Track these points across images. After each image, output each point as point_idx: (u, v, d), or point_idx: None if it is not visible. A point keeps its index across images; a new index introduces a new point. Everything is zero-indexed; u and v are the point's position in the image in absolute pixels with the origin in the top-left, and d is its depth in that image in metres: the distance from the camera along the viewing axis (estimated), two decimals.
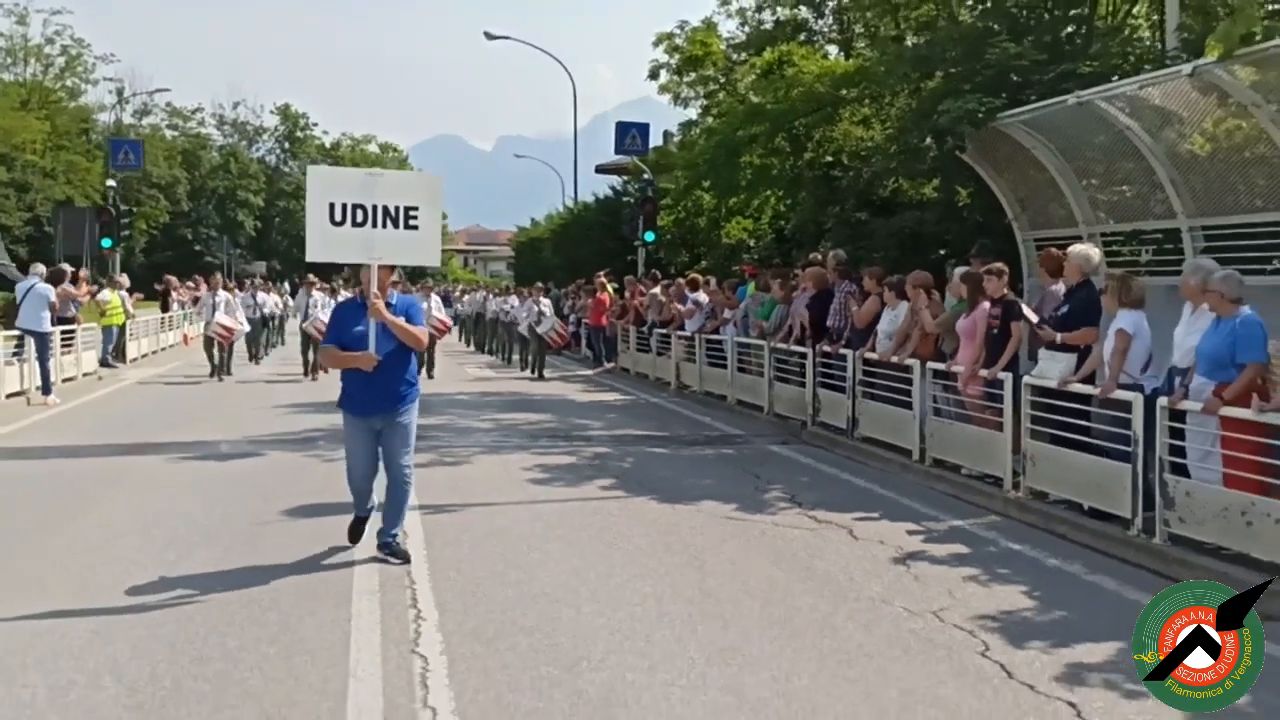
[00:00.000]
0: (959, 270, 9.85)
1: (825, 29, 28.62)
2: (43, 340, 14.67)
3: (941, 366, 9.39)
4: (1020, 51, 11.37)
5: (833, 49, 28.52)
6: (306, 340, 18.54)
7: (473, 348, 29.80)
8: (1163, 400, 6.68)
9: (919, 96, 12.46)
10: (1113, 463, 7.02)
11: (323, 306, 18.06)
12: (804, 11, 27.27)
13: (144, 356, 23.13)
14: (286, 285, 44.96)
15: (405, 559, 6.29)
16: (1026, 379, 8.06)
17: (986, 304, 8.93)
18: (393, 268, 6.43)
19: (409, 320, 6.23)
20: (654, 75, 29.96)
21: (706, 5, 29.95)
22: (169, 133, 73.26)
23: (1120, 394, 7.00)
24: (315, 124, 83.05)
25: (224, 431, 11.73)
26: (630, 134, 24.88)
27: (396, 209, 6.31)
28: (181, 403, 15.08)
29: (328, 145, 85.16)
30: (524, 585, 5.95)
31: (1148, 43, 13.28)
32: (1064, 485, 7.56)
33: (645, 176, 24.11)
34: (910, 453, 9.58)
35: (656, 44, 29.89)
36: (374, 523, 6.61)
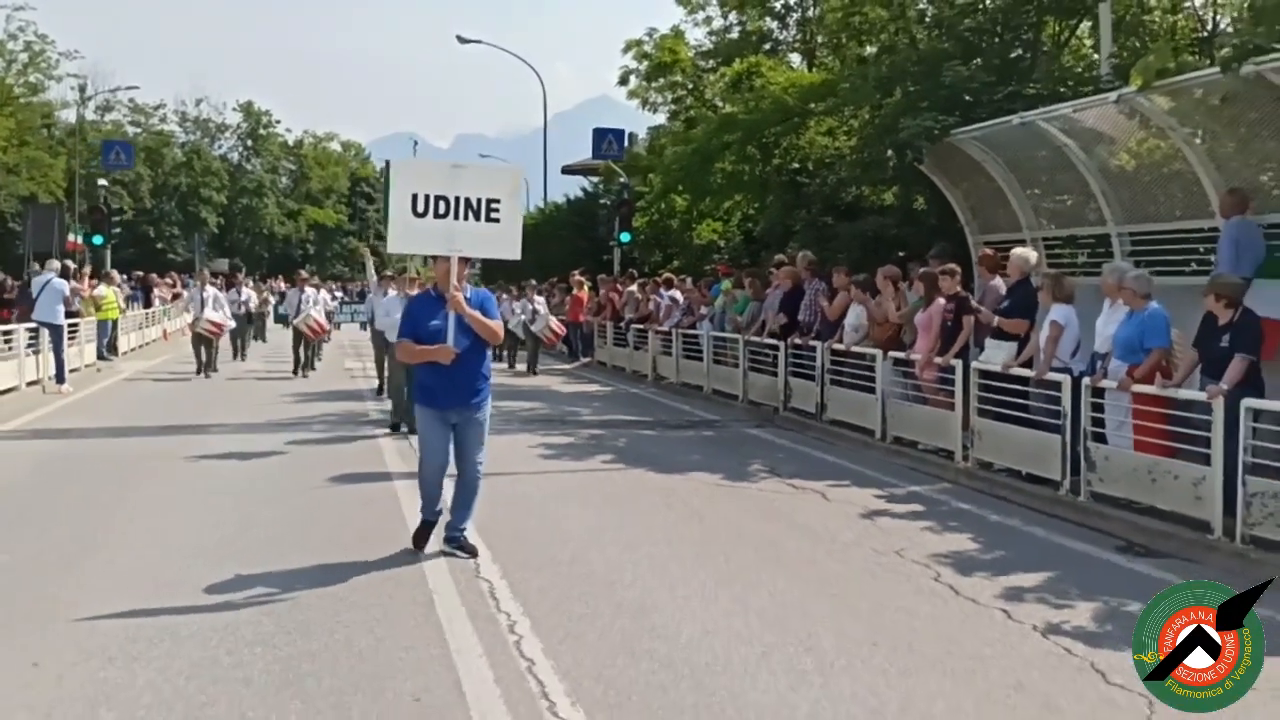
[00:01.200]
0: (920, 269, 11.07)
1: (789, 39, 29.94)
2: (57, 332, 15.51)
3: (901, 355, 10.61)
4: (972, 74, 12.66)
5: (796, 58, 29.86)
6: (299, 337, 18.63)
7: None
8: (1086, 380, 7.94)
9: (881, 113, 13.69)
10: (1046, 434, 8.27)
11: (314, 303, 18.57)
12: (769, 22, 28.53)
13: (131, 350, 23.83)
14: (279, 282, 45.38)
15: (472, 553, 6.30)
16: (974, 364, 9.30)
17: (941, 300, 10.16)
18: (469, 261, 6.50)
19: (484, 313, 6.25)
20: (624, 81, 30.91)
21: (666, 4, 30.93)
22: (130, 129, 72.97)
23: (1052, 376, 8.26)
24: (279, 121, 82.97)
25: (246, 416, 12.70)
26: (607, 139, 25.98)
27: (478, 201, 6.29)
28: (191, 392, 15.92)
29: (290, 143, 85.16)
30: (554, 534, 7.06)
31: (1090, 61, 14.55)
32: (1005, 455, 8.81)
33: (622, 180, 25.22)
34: (873, 432, 10.80)
35: (626, 50, 30.86)
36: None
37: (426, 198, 6.24)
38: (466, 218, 6.27)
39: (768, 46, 28.59)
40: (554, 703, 4.22)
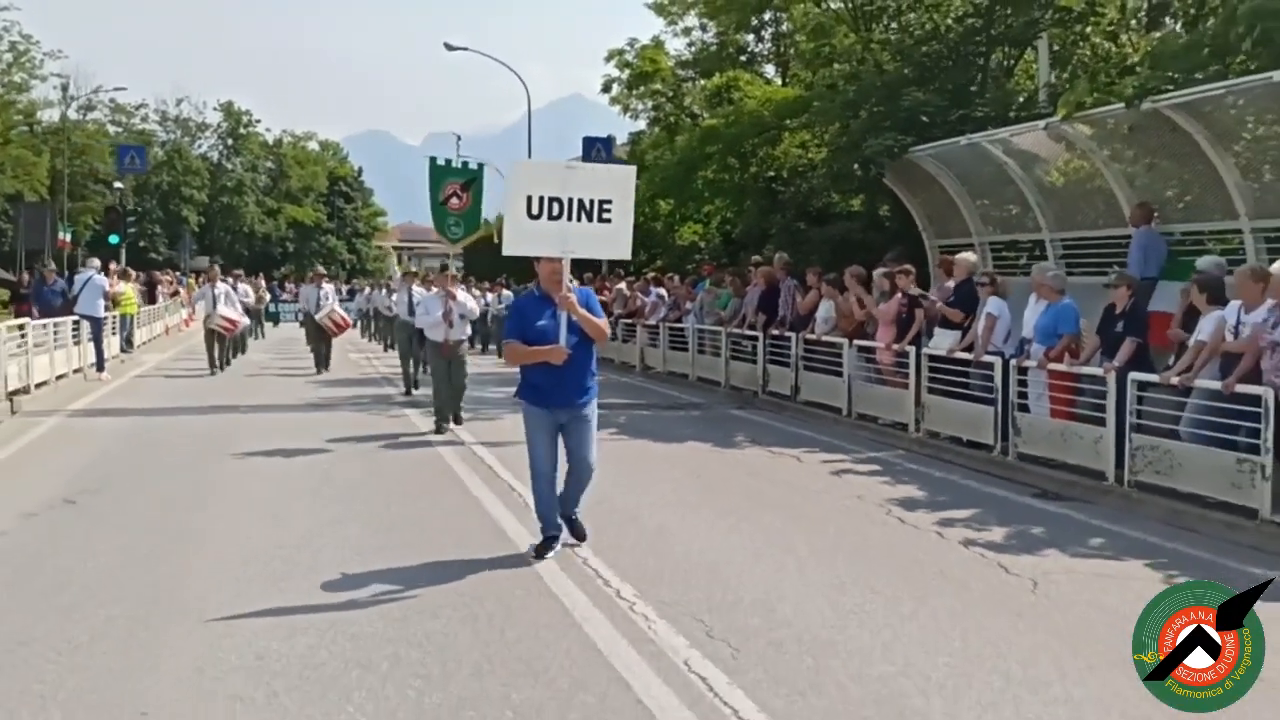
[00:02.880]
0: (878, 270, 12.79)
1: (764, 52, 31.69)
2: (98, 324, 16.97)
3: (865, 343, 12.31)
4: (927, 99, 14.40)
5: (770, 69, 31.63)
6: (318, 333, 18.90)
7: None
8: (1014, 361, 9.67)
9: (848, 131, 15.40)
10: (982, 406, 9.99)
11: (333, 299, 19.22)
12: (745, 35, 30.24)
13: (143, 344, 25.17)
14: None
15: (581, 537, 6.48)
16: (925, 350, 11.01)
17: (899, 295, 11.87)
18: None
19: (590, 312, 6.29)
20: (606, 89, 32.46)
21: (637, 4, 32.39)
22: (112, 128, 73.70)
23: (987, 358, 9.99)
24: (259, 121, 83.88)
25: (285, 398, 14.25)
26: (596, 148, 27.56)
27: (591, 202, 6.28)
28: (223, 384, 17.34)
29: (270, 142, 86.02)
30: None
31: (1034, 87, 16.33)
32: (949, 425, 10.53)
33: None
34: (840, 409, 12.50)
35: (608, 59, 32.39)
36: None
37: (541, 200, 6.21)
38: (579, 219, 6.26)
39: (744, 58, 30.34)
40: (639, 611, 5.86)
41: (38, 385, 13.85)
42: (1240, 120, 10.17)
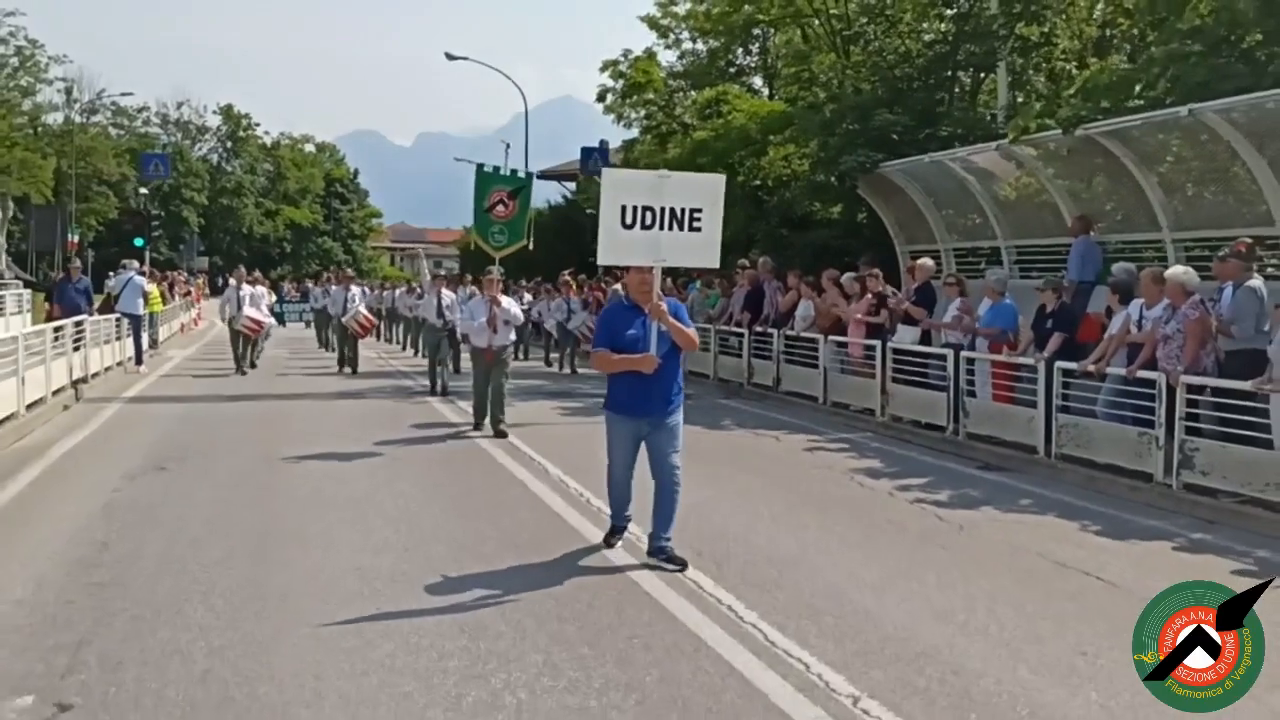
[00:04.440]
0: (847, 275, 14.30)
1: (753, 64, 33.26)
2: (137, 321, 18.39)
3: (839, 339, 13.80)
4: (897, 119, 15.92)
5: (758, 80, 33.19)
6: (344, 334, 19.11)
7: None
8: (964, 353, 11.18)
9: (826, 147, 16.90)
10: (937, 393, 11.49)
11: (360, 300, 19.58)
12: (735, 49, 31.81)
13: (164, 340, 26.54)
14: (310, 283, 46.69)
15: (682, 565, 6.13)
16: (890, 344, 12.51)
17: (869, 295, 13.36)
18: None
19: (679, 320, 6.30)
20: (601, 98, 33.96)
21: (625, 8, 33.89)
22: (114, 131, 74.93)
23: (941, 350, 11.50)
24: (258, 124, 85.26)
25: (327, 389, 15.69)
26: (593, 157, 29.06)
27: (682, 211, 6.28)
28: (257, 381, 18.73)
29: (268, 145, 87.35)
30: (577, 440, 10.06)
31: (996, 108, 17.88)
32: (911, 410, 12.03)
33: None
34: (816, 398, 13.99)
35: (603, 70, 33.87)
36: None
37: (635, 209, 6.21)
38: (671, 228, 6.27)
39: (733, 70, 31.89)
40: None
41: (92, 376, 15.27)
42: (1165, 145, 11.71)
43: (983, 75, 18.22)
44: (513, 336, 12.01)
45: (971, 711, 4.20)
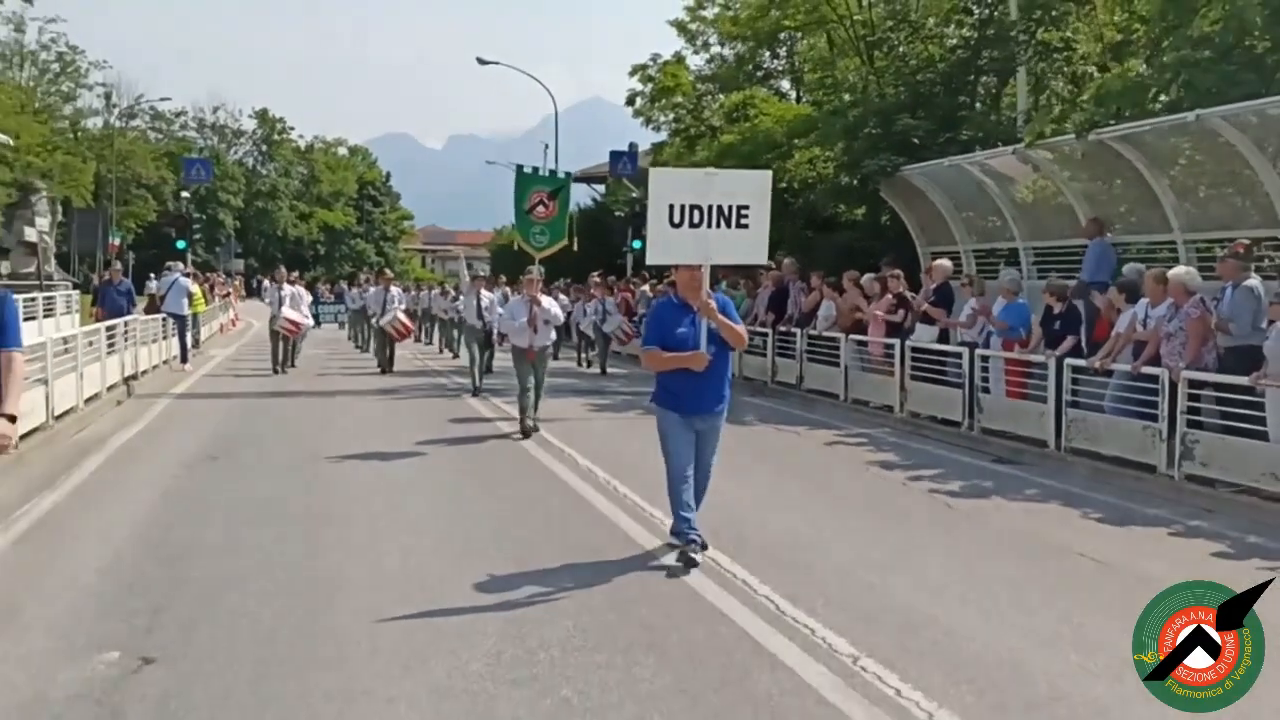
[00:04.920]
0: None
1: (780, 67, 33.65)
2: (182, 321, 19.10)
3: (860, 338, 14.21)
4: (918, 124, 16.32)
5: (785, 83, 33.58)
6: (382, 336, 19.25)
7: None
8: (979, 351, 11.58)
9: (850, 151, 17.32)
10: (953, 389, 11.88)
11: (400, 303, 19.76)
12: (762, 52, 32.23)
13: (205, 340, 27.31)
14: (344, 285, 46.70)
15: (703, 546, 6.33)
16: (909, 342, 12.91)
17: (889, 296, 13.77)
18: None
19: (728, 318, 6.34)
20: (630, 102, 34.52)
21: (655, 11, 34.33)
22: (152, 135, 76.37)
23: (956, 349, 11.89)
24: (292, 128, 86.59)
25: (369, 386, 16.30)
26: (622, 160, 29.62)
27: (729, 208, 6.30)
28: (299, 377, 19.34)
29: (302, 148, 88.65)
30: (629, 450, 10.59)
31: (1017, 112, 18.22)
32: (928, 406, 12.42)
33: (634, 194, 28.86)
34: (838, 396, 14.41)
35: (632, 74, 34.42)
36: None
37: (682, 208, 6.25)
38: (718, 225, 6.29)
39: (761, 74, 32.30)
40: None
41: (140, 374, 15.96)
42: (1177, 149, 12.04)
43: (1002, 81, 18.57)
44: (553, 336, 12.03)
45: (959, 668, 4.65)
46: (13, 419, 4.77)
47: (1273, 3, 10.75)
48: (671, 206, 6.25)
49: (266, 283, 25.18)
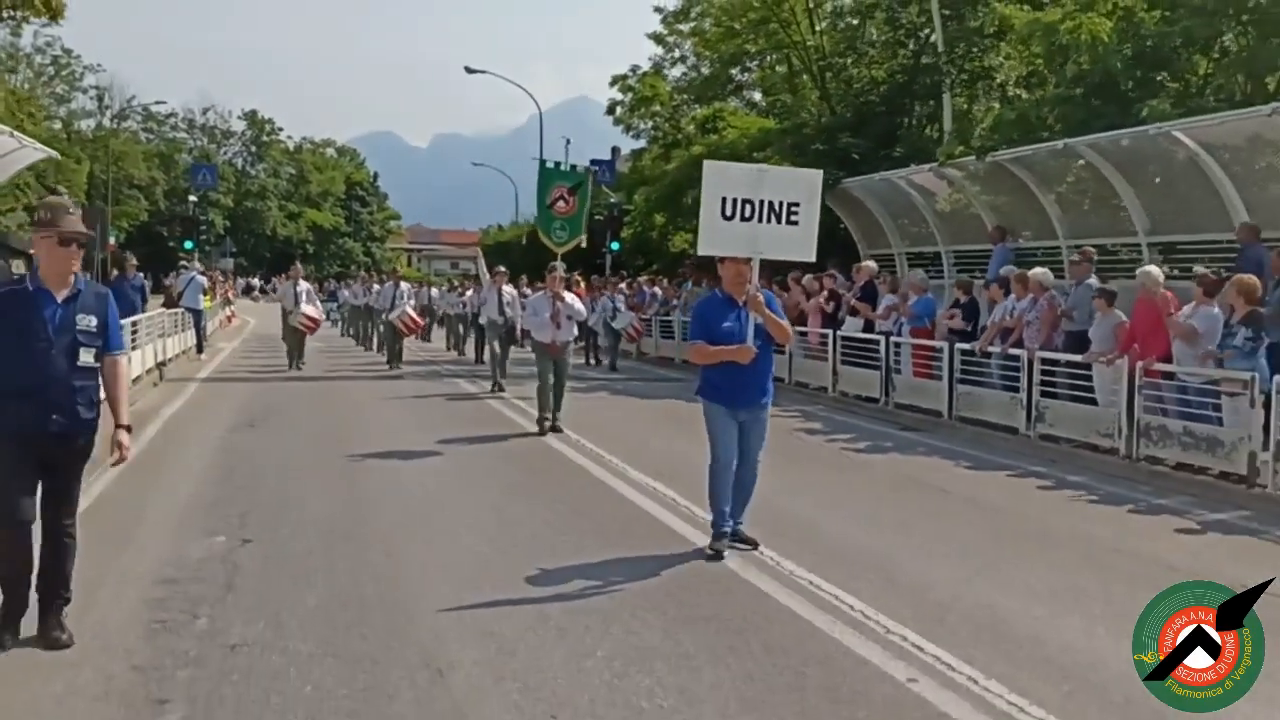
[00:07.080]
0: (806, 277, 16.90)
1: (750, 79, 35.79)
2: (199, 315, 21.11)
3: (800, 328, 16.33)
4: (858, 142, 18.54)
5: (757, 94, 35.73)
6: (393, 332, 19.49)
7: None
8: (893, 339, 13.77)
9: (798, 165, 19.45)
10: (873, 371, 14.05)
11: (409, 299, 20.50)
12: (733, 69, 34.38)
13: (211, 334, 29.23)
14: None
15: (753, 544, 6.42)
16: (840, 333, 15.07)
17: (824, 292, 15.93)
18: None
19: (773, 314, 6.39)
20: (611, 110, 36.58)
21: (641, 10, 35.94)
22: (144, 136, 77.99)
23: (873, 336, 14.08)
24: (280, 129, 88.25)
25: (380, 372, 18.31)
26: (601, 169, 31.85)
27: (781, 205, 6.43)
28: (312, 367, 21.29)
29: (290, 149, 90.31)
30: (637, 433, 12.59)
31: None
32: (856, 386, 14.55)
33: (612, 199, 31.04)
34: (783, 379, 16.53)
35: (613, 84, 36.48)
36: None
37: (734, 201, 6.39)
38: (769, 220, 6.45)
39: (733, 86, 34.45)
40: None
41: (170, 361, 17.98)
42: (1062, 169, 14.25)
43: (933, 105, 20.84)
44: (575, 332, 12.23)
45: (827, 552, 6.77)
46: (129, 429, 4.73)
47: (1132, 48, 12.99)
48: (724, 199, 6.43)
49: (276, 281, 26.25)
